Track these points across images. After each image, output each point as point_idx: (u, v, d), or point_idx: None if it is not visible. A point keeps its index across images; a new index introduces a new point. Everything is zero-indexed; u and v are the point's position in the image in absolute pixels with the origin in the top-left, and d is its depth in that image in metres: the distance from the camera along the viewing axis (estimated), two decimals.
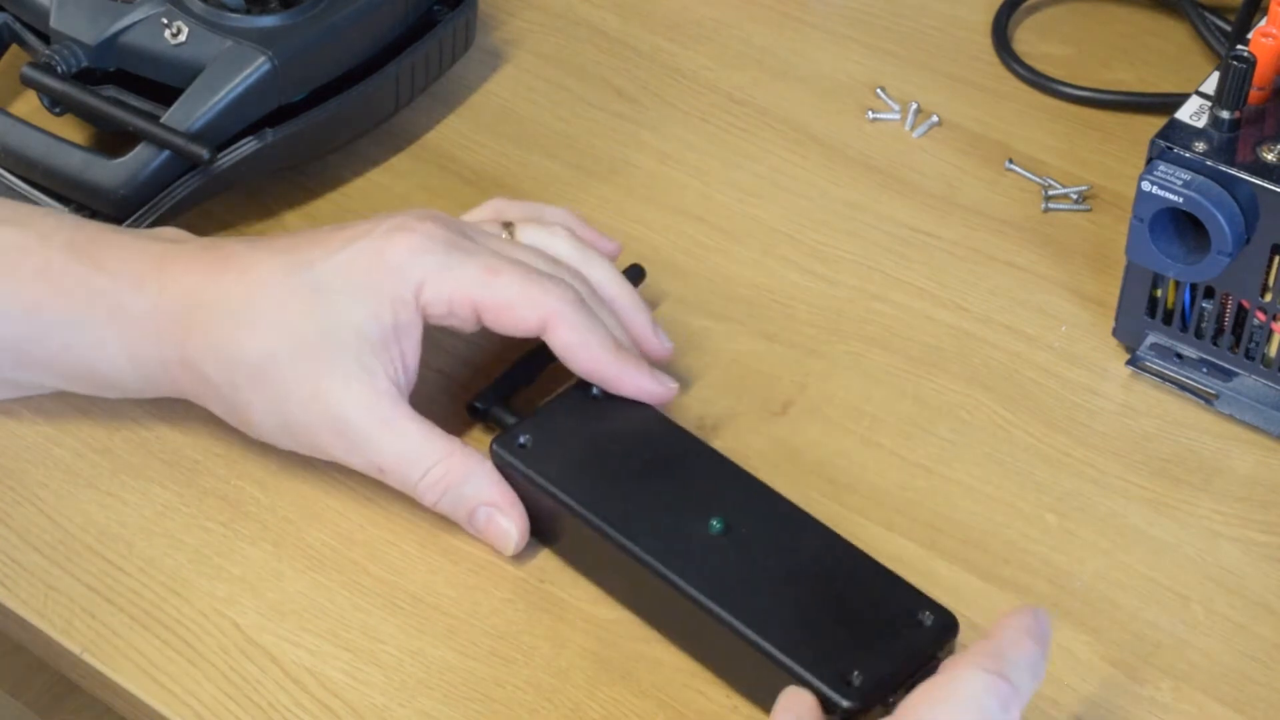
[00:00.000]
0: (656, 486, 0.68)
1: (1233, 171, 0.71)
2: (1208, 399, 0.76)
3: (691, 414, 0.75)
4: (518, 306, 0.69)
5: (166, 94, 0.81)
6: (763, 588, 0.64)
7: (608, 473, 0.69)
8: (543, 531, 0.70)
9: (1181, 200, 0.71)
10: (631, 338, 0.73)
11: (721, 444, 0.73)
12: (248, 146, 0.81)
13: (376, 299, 0.68)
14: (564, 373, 0.72)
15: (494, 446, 0.70)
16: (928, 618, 0.63)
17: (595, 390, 0.71)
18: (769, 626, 0.63)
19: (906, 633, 0.63)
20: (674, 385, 0.72)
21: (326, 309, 0.68)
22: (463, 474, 0.69)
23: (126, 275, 0.70)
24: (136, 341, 0.69)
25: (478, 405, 0.73)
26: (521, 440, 0.69)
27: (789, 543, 0.66)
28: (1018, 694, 0.57)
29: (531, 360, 0.74)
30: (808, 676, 0.61)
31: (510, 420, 0.72)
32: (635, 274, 0.79)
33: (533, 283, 0.69)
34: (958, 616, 0.64)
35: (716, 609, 0.64)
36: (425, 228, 0.69)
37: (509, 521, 0.69)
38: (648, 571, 0.65)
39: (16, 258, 0.70)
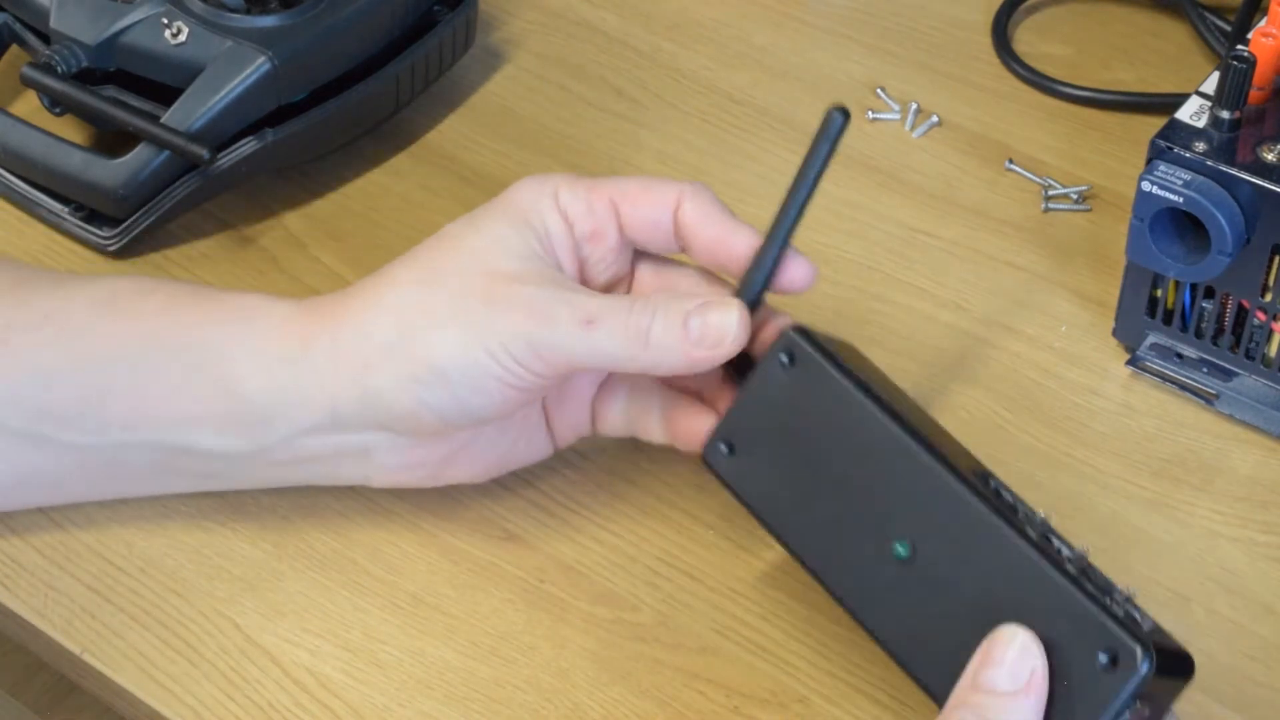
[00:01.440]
0: (849, 498, 0.63)
1: (1233, 171, 0.71)
2: (1208, 399, 0.76)
3: None
4: (653, 186, 0.67)
5: (166, 94, 0.81)
6: (940, 628, 0.59)
7: (805, 484, 0.64)
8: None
9: (1181, 200, 0.71)
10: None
11: None
12: (248, 146, 0.81)
13: (517, 216, 0.65)
14: None
15: (705, 458, 0.66)
16: (1105, 660, 0.56)
17: (782, 357, 0.65)
18: (945, 679, 0.59)
19: (1086, 686, 0.56)
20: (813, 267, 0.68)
21: (472, 242, 0.65)
22: (659, 295, 0.65)
23: (259, 295, 0.67)
24: (280, 344, 0.65)
25: None
26: (723, 447, 0.66)
27: (976, 568, 0.59)
28: None
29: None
30: None
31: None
32: (843, 116, 0.67)
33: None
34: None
35: (895, 651, 0.61)
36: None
37: (721, 312, 0.64)
38: (837, 602, 0.63)
39: (137, 300, 0.66)
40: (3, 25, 0.87)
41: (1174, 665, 0.58)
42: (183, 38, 0.81)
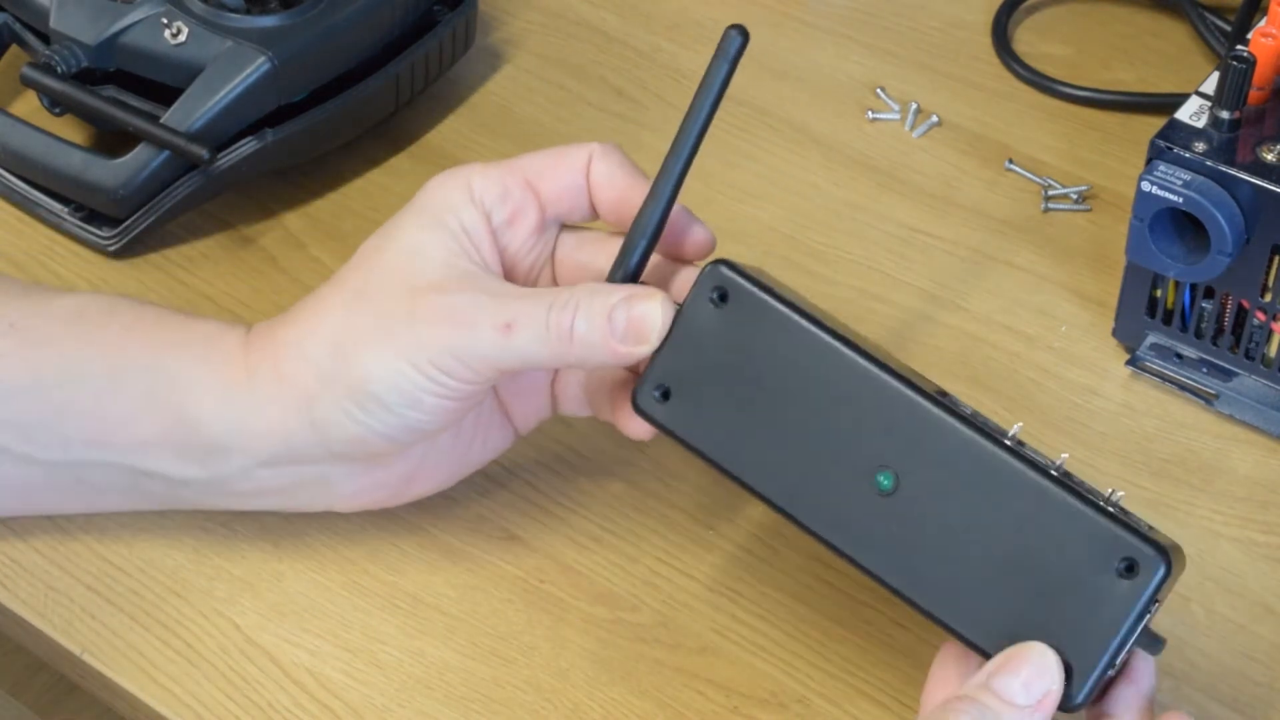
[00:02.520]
0: (817, 434, 0.60)
1: (1233, 171, 0.71)
2: (1208, 399, 0.76)
3: None
4: (565, 153, 0.66)
5: (166, 94, 0.81)
6: (940, 556, 0.58)
7: (764, 423, 0.61)
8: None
9: (1181, 200, 0.71)
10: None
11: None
12: (248, 146, 0.81)
13: (430, 218, 0.65)
14: None
15: (635, 403, 0.63)
16: (1121, 567, 0.56)
17: (713, 295, 0.62)
18: (951, 606, 0.58)
19: (1099, 601, 0.56)
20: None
21: (390, 255, 0.64)
22: (583, 287, 0.63)
23: (217, 322, 0.67)
24: (229, 373, 0.64)
25: None
26: (656, 391, 0.63)
27: (968, 490, 0.58)
28: None
29: None
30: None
31: None
32: (741, 35, 0.64)
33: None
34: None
35: (893, 584, 0.59)
36: None
37: (644, 303, 0.63)
38: (817, 540, 0.60)
39: (102, 318, 0.66)
40: (3, 25, 0.87)
41: (1181, 563, 0.58)
42: (183, 38, 0.81)
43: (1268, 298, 0.73)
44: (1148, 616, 0.57)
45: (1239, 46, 0.72)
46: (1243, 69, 0.71)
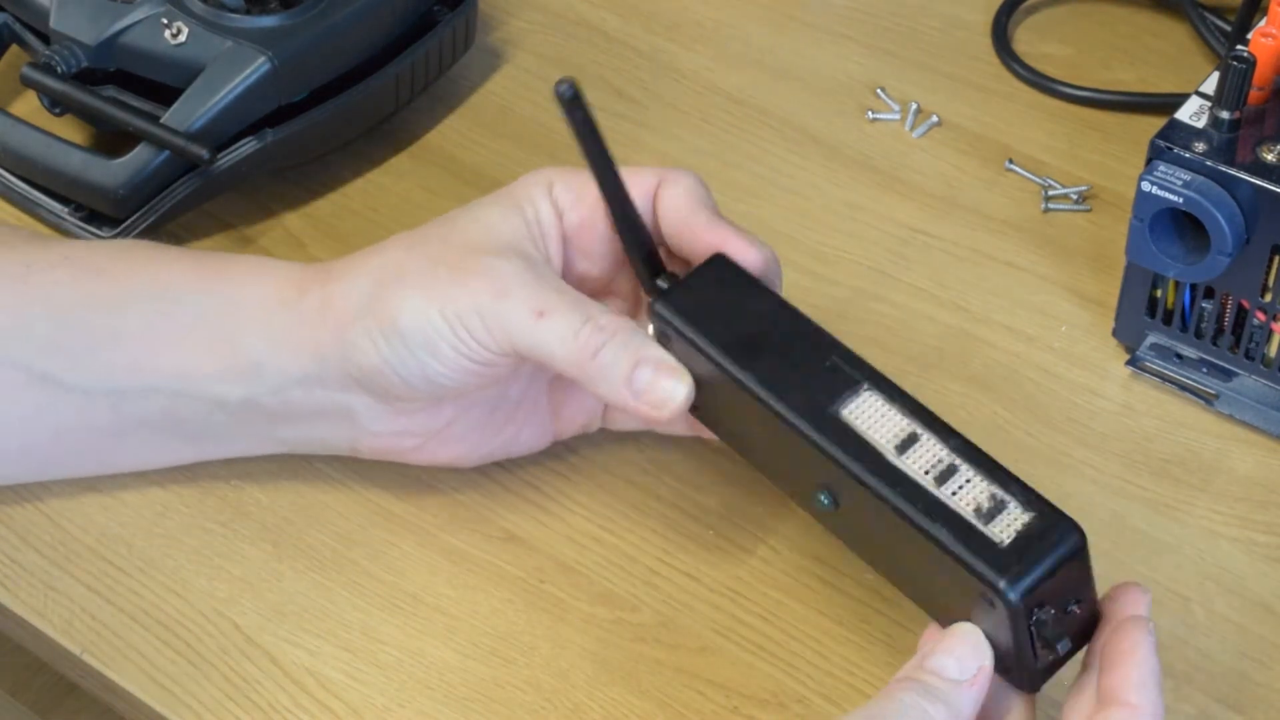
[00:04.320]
0: (771, 454, 0.65)
1: (1233, 171, 0.71)
2: (1208, 399, 0.76)
3: None
4: (637, 172, 0.67)
5: (166, 94, 0.81)
6: (886, 553, 0.63)
7: (748, 436, 0.66)
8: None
9: (1181, 200, 0.71)
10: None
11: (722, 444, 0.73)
12: (248, 146, 0.81)
13: (509, 202, 0.67)
14: None
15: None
16: (987, 600, 0.58)
17: (663, 332, 0.66)
18: (911, 587, 0.63)
19: (995, 620, 0.59)
20: (768, 249, 0.68)
21: (462, 220, 0.67)
22: (628, 325, 0.65)
23: (268, 257, 0.70)
24: (280, 294, 0.67)
25: None
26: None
27: (881, 521, 0.61)
28: None
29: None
30: None
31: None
32: (570, 87, 0.62)
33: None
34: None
35: (866, 562, 0.64)
36: None
37: (672, 380, 0.65)
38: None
39: (154, 251, 0.70)
40: (3, 25, 0.87)
41: (1059, 561, 0.59)
42: (183, 38, 0.81)
43: (1268, 298, 0.73)
44: (1044, 615, 0.58)
45: (1239, 46, 0.72)
46: (1243, 69, 0.71)
